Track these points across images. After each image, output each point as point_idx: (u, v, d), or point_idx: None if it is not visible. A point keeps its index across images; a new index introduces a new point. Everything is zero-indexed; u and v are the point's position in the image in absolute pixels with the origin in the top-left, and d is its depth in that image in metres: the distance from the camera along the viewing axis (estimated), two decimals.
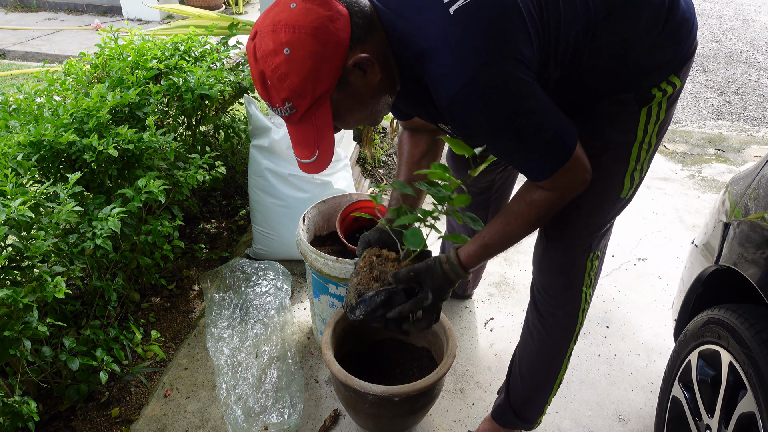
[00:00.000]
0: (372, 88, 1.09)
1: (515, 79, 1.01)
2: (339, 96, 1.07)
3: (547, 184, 1.14)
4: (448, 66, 1.01)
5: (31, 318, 1.43)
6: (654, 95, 1.17)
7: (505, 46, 1.01)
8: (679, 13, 1.15)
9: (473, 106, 1.02)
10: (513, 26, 1.01)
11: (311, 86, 1.02)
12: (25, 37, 5.69)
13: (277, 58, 1.00)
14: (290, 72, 1.01)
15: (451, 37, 1.00)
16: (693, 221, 2.85)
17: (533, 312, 1.48)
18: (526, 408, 1.60)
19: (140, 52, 2.28)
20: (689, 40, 1.18)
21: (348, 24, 1.03)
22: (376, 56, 1.06)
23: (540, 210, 1.17)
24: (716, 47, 5.69)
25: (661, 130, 1.24)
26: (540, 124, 1.05)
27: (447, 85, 1.02)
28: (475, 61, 0.99)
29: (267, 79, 1.03)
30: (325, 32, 1.00)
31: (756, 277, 1.18)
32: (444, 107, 1.05)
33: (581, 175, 1.14)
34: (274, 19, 1.01)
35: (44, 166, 1.79)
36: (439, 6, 1.02)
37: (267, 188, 2.30)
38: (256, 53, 1.03)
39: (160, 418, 1.78)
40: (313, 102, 1.04)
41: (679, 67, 1.18)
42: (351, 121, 1.15)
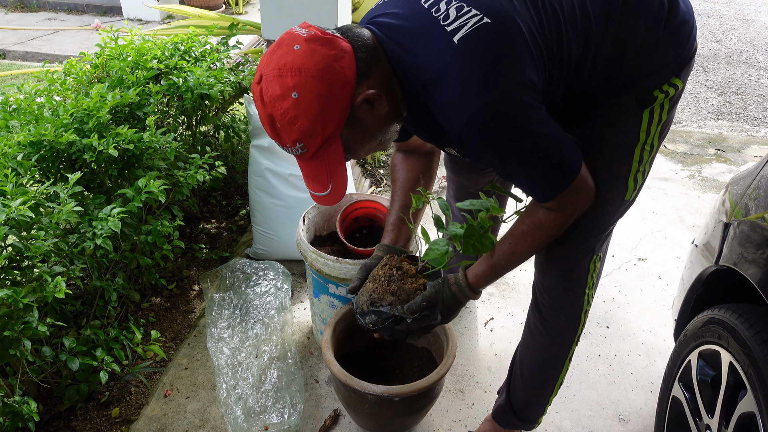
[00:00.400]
0: (380, 120, 1.10)
1: (523, 105, 1.02)
2: (349, 132, 1.08)
3: (553, 205, 1.15)
4: (455, 96, 1.01)
5: (31, 318, 1.43)
6: (656, 97, 1.17)
7: (512, 74, 1.01)
8: (679, 15, 1.15)
9: (482, 135, 1.03)
10: (519, 53, 1.02)
11: (321, 127, 1.03)
12: (25, 37, 5.69)
13: (285, 103, 1.01)
14: (299, 115, 1.01)
15: (458, 67, 1.01)
16: (693, 221, 2.85)
17: (535, 314, 1.48)
18: (527, 408, 1.60)
19: (140, 52, 2.28)
20: (689, 42, 1.18)
21: (353, 60, 1.03)
22: (382, 88, 1.07)
23: (548, 231, 1.19)
24: (716, 47, 5.69)
25: (663, 131, 1.24)
26: (547, 148, 1.07)
27: (456, 115, 1.02)
28: (484, 91, 1.00)
29: (276, 122, 1.04)
30: (330, 73, 1.00)
31: (756, 277, 1.18)
32: (453, 136, 1.06)
33: (586, 194, 1.16)
34: (279, 63, 1.01)
35: (44, 166, 1.79)
36: (442, 34, 1.02)
37: (267, 188, 2.30)
38: (263, 97, 1.03)
39: (160, 418, 1.78)
40: (323, 141, 1.05)
41: (681, 68, 1.18)
42: (362, 152, 1.16)
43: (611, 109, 1.19)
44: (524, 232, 1.21)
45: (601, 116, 1.20)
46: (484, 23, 1.01)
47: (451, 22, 1.02)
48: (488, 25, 1.01)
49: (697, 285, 1.53)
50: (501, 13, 1.03)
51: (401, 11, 1.09)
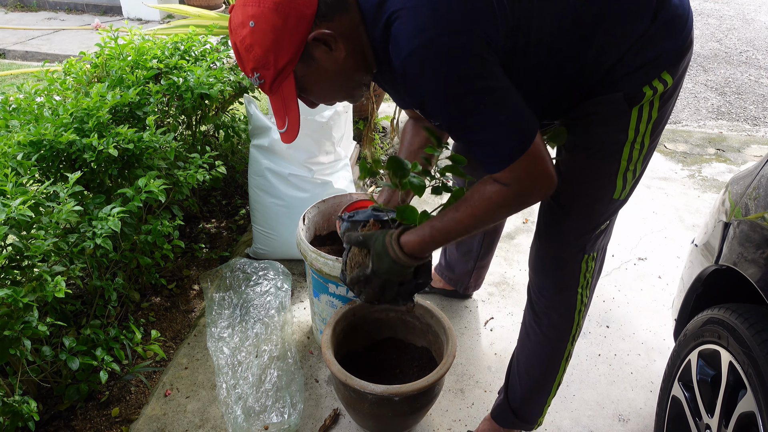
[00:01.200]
0: (338, 65, 1.12)
1: (474, 54, 1.01)
2: (304, 70, 1.12)
3: (502, 177, 1.08)
4: (406, 27, 1.02)
5: (31, 317, 1.43)
6: (644, 93, 1.14)
7: (467, 21, 1.01)
8: (671, 8, 1.11)
9: (426, 69, 1.02)
10: (482, 6, 1.02)
11: (273, 58, 1.08)
12: (25, 36, 5.69)
13: (244, 30, 1.07)
14: (254, 44, 1.07)
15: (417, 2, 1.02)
16: (693, 221, 2.85)
17: (529, 313, 1.49)
18: (525, 408, 1.60)
19: (140, 51, 2.28)
20: (682, 37, 1.13)
21: (314, 1, 1.06)
22: (342, 33, 1.09)
23: (491, 203, 1.12)
24: (716, 47, 5.69)
25: (655, 130, 1.21)
26: (495, 105, 1.03)
27: (403, 44, 1.03)
28: (434, 27, 1.00)
29: (238, 49, 1.10)
30: (287, 7, 1.05)
31: (756, 276, 1.18)
32: (398, 66, 1.05)
33: (540, 175, 1.08)
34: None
35: (44, 166, 1.79)
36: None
37: (267, 188, 2.30)
38: (231, 25, 1.11)
39: (160, 417, 1.78)
40: (276, 73, 1.10)
41: (672, 64, 1.14)
42: (321, 96, 1.20)
43: (599, 107, 1.17)
44: (467, 199, 1.15)
45: (589, 114, 1.19)
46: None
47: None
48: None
49: (697, 285, 1.53)
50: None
51: None
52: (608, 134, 1.19)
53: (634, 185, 1.28)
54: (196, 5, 6.11)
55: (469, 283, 2.20)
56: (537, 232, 1.38)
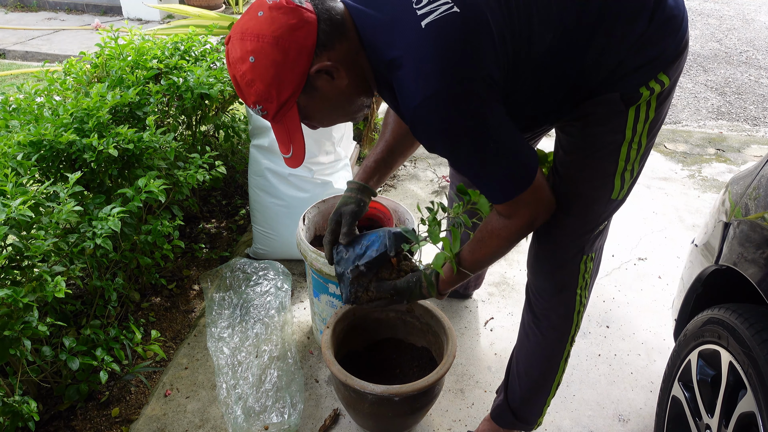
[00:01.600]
0: (340, 92, 1.13)
1: (478, 99, 1.03)
2: (307, 100, 1.12)
3: (504, 210, 1.17)
4: (414, 76, 1.03)
5: (31, 318, 1.43)
6: (641, 94, 1.14)
7: (472, 66, 1.03)
8: (667, 9, 1.11)
9: (432, 120, 1.05)
10: (482, 46, 1.03)
11: (276, 92, 1.08)
12: (25, 36, 5.69)
13: (244, 66, 1.07)
14: (255, 79, 1.07)
15: (421, 49, 1.03)
16: (693, 221, 2.85)
17: (528, 313, 1.49)
18: (524, 409, 1.60)
19: (140, 51, 2.29)
20: (677, 37, 1.14)
21: (313, 31, 1.06)
22: (343, 62, 1.10)
23: (502, 239, 1.21)
24: (716, 47, 5.69)
25: (652, 130, 1.21)
26: (497, 147, 1.08)
27: (411, 94, 1.04)
28: (441, 77, 1.01)
29: (238, 83, 1.10)
30: (287, 41, 1.04)
31: (756, 276, 1.18)
32: (407, 116, 1.08)
33: (541, 206, 1.17)
34: (243, 27, 1.07)
35: (44, 166, 1.79)
36: (412, 17, 1.04)
37: (267, 188, 2.30)
38: (228, 58, 1.10)
39: (160, 417, 1.78)
40: (279, 106, 1.10)
41: (668, 64, 1.14)
42: (326, 121, 1.20)
43: (596, 108, 1.17)
44: (480, 239, 1.24)
45: (586, 115, 1.19)
46: (453, 12, 1.02)
47: (422, 7, 1.04)
48: (457, 15, 1.02)
49: (697, 285, 1.53)
50: (471, 5, 1.04)
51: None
52: (605, 134, 1.20)
53: (631, 185, 1.28)
54: (196, 5, 6.11)
55: (469, 283, 2.20)
56: (535, 233, 1.38)
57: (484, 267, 1.30)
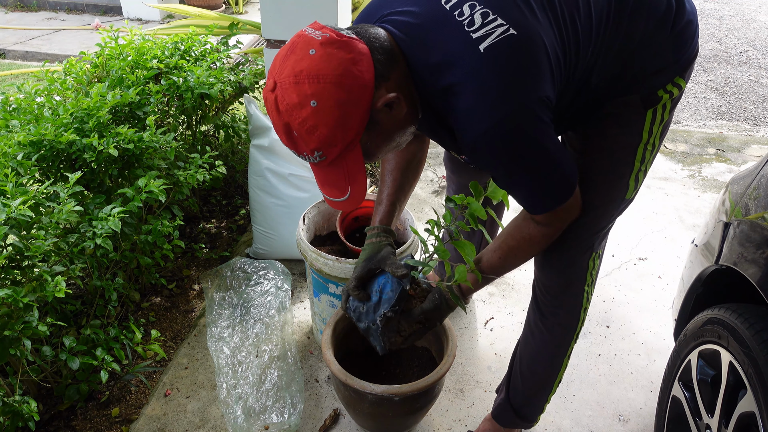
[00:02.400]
0: (399, 123, 1.08)
1: (538, 121, 1.03)
2: (368, 136, 1.05)
3: (543, 219, 1.17)
4: (475, 105, 1.00)
5: (31, 317, 1.43)
6: (660, 97, 1.17)
7: (533, 89, 1.01)
8: (685, 15, 1.16)
9: (497, 147, 1.03)
10: (540, 68, 1.02)
11: (341, 135, 0.99)
12: (25, 36, 5.68)
13: (303, 111, 0.97)
14: (319, 124, 0.97)
15: (481, 76, 0.99)
16: (693, 221, 2.85)
17: (535, 311, 1.49)
18: (527, 407, 1.61)
19: (140, 51, 2.28)
20: (693, 42, 1.19)
21: (371, 63, 0.99)
22: (400, 90, 1.04)
23: (538, 245, 1.23)
24: (716, 47, 5.69)
25: (664, 131, 1.25)
26: (551, 164, 1.08)
27: (473, 124, 1.01)
28: (505, 104, 0.99)
29: (293, 131, 0.99)
30: (349, 78, 0.97)
31: (756, 276, 1.18)
32: (467, 144, 1.05)
33: (575, 210, 1.20)
34: (295, 69, 0.97)
35: (44, 166, 1.79)
36: (467, 40, 1.00)
37: (267, 188, 2.30)
38: (278, 106, 0.99)
39: (160, 417, 1.78)
40: (343, 149, 1.02)
41: (684, 68, 1.18)
42: (379, 156, 1.13)
43: (616, 109, 1.19)
44: (514, 247, 1.25)
45: (606, 116, 1.21)
46: (510, 34, 0.99)
47: (476, 29, 1.00)
48: (514, 37, 0.99)
49: (697, 284, 1.53)
50: (526, 26, 1.01)
51: (419, 10, 1.05)
52: (624, 136, 1.22)
53: (641, 184, 1.31)
54: (196, 5, 6.11)
55: None
56: None
57: (510, 271, 1.31)
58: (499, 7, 1.02)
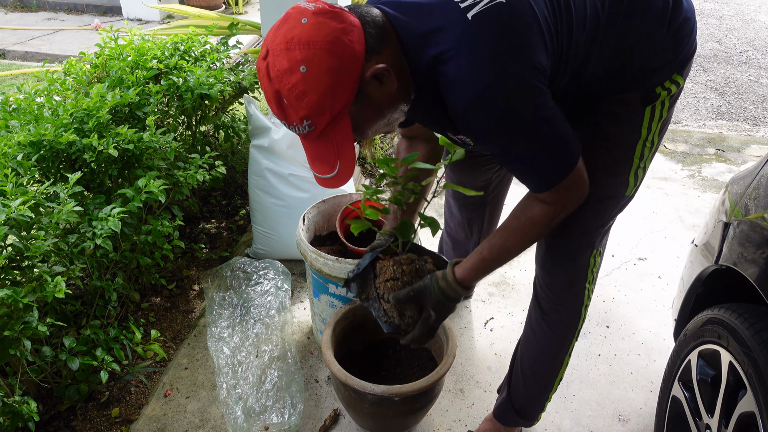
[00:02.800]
0: (389, 98, 1.07)
1: (531, 87, 1.02)
2: (357, 109, 1.05)
3: (548, 197, 1.14)
4: (464, 70, 1.00)
5: (31, 318, 1.43)
6: (659, 94, 1.18)
7: (523, 54, 1.00)
8: (682, 12, 1.16)
9: (489, 113, 1.02)
10: (531, 34, 1.01)
11: (330, 102, 1.00)
12: (24, 36, 5.68)
13: (293, 77, 0.98)
14: (308, 90, 0.98)
15: (469, 41, 0.99)
16: (693, 221, 2.85)
17: (536, 310, 1.49)
18: (528, 406, 1.61)
19: (140, 51, 2.28)
20: (691, 39, 1.19)
21: (362, 35, 1.01)
22: (391, 65, 1.05)
23: (540, 226, 1.18)
24: (716, 47, 5.69)
25: (663, 128, 1.25)
26: (549, 133, 1.06)
27: (463, 89, 1.01)
28: (493, 69, 0.99)
29: (283, 98, 1.00)
30: (340, 46, 0.98)
31: (756, 276, 1.18)
32: (458, 112, 1.04)
33: (581, 189, 1.16)
34: (287, 36, 0.98)
35: (44, 166, 1.79)
36: (455, 10, 1.01)
37: (267, 188, 2.30)
38: (269, 72, 1.00)
39: (160, 417, 1.78)
40: (332, 118, 1.02)
41: (683, 65, 1.19)
42: (369, 132, 1.13)
43: (615, 107, 1.20)
44: (517, 227, 1.20)
45: (605, 113, 1.21)
46: (498, 2, 1.00)
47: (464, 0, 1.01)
48: (502, 5, 1.00)
49: (696, 284, 1.53)
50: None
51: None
52: (623, 133, 1.23)
53: (641, 181, 1.31)
54: (196, 5, 6.11)
55: None
56: None
57: (512, 257, 1.25)
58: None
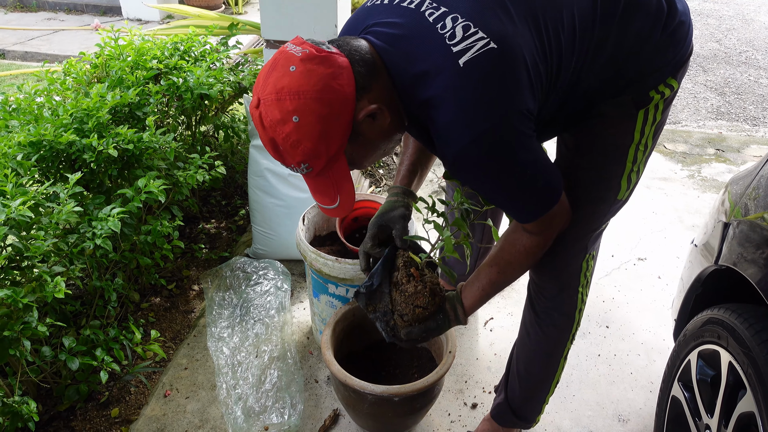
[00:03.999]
0: (383, 132, 1.09)
1: (520, 134, 1.03)
2: (352, 147, 1.07)
3: (533, 228, 1.18)
4: (454, 119, 1.01)
5: (30, 318, 1.43)
6: (652, 98, 1.17)
7: (512, 103, 1.01)
8: (677, 16, 1.15)
9: (477, 162, 1.04)
10: (520, 81, 1.02)
11: (325, 147, 1.02)
12: (24, 37, 5.68)
13: (286, 127, 0.99)
14: (302, 138, 1.00)
15: (460, 90, 1.00)
16: (692, 221, 2.85)
17: (530, 312, 1.49)
18: (524, 407, 1.61)
19: (140, 52, 2.28)
20: (686, 43, 1.18)
21: (351, 76, 1.01)
22: (382, 100, 1.06)
23: (533, 256, 1.23)
24: (716, 47, 5.69)
25: (657, 132, 1.24)
26: (534, 174, 1.09)
27: (452, 139, 1.02)
28: (484, 119, 1.00)
29: (279, 145, 1.02)
30: (329, 93, 0.99)
31: (755, 276, 1.18)
32: (447, 159, 1.06)
33: (565, 216, 1.20)
34: (276, 86, 0.99)
35: (44, 166, 1.79)
36: (447, 54, 1.00)
37: (267, 188, 2.30)
38: (263, 122, 1.02)
39: (159, 418, 1.78)
40: (328, 160, 1.05)
41: (677, 69, 1.18)
42: (366, 164, 1.16)
43: (607, 110, 1.19)
44: (510, 261, 1.25)
45: (596, 116, 1.20)
46: (490, 48, 0.99)
47: (457, 43, 1.00)
48: (494, 51, 0.99)
49: (696, 285, 1.53)
50: (507, 39, 1.01)
51: (402, 21, 1.06)
52: (616, 136, 1.22)
53: (635, 185, 1.30)
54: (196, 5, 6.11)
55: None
56: None
57: (510, 283, 1.31)
58: (481, 20, 1.02)
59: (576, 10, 1.08)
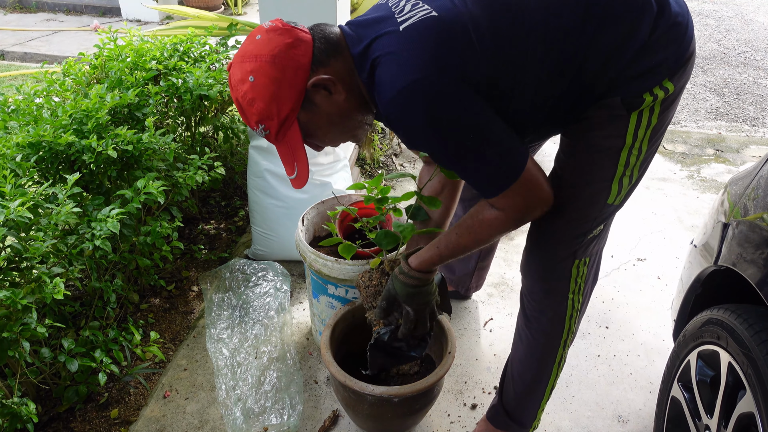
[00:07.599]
0: (339, 107, 1.17)
1: (454, 93, 1.06)
2: (307, 116, 1.16)
3: (497, 203, 1.16)
4: (388, 72, 1.08)
5: (29, 319, 1.43)
6: (644, 100, 1.13)
7: (448, 63, 1.06)
8: (672, 16, 1.12)
9: (405, 113, 1.08)
10: (459, 46, 1.07)
11: (276, 109, 1.12)
12: (24, 37, 5.68)
13: (244, 86, 1.12)
14: (256, 97, 1.12)
15: (398, 48, 1.07)
16: (692, 222, 2.86)
17: (521, 316, 1.49)
18: (518, 411, 1.59)
19: (139, 52, 2.28)
20: (683, 44, 1.14)
21: (309, 49, 1.12)
22: (339, 77, 1.14)
23: (490, 229, 1.20)
24: (715, 48, 5.69)
25: (654, 136, 1.20)
26: (479, 140, 1.09)
27: (385, 90, 1.08)
28: (413, 72, 1.05)
29: (240, 104, 1.14)
30: (283, 58, 1.10)
31: (755, 277, 1.18)
32: (383, 111, 1.11)
33: (534, 197, 1.16)
34: (243, 51, 1.13)
35: (43, 167, 1.79)
36: (392, 23, 1.10)
37: (266, 189, 2.30)
38: (231, 82, 1.15)
39: (159, 419, 1.78)
40: (280, 123, 1.14)
41: (674, 71, 1.14)
42: (326, 139, 1.23)
43: (595, 112, 1.17)
44: (470, 226, 1.24)
45: (585, 118, 1.18)
46: (431, 15, 1.08)
47: (402, 14, 1.11)
48: (434, 17, 1.08)
49: (696, 285, 1.53)
50: (451, 11, 1.08)
51: (373, 14, 1.18)
52: (605, 138, 1.19)
53: (630, 190, 1.27)
54: (195, 6, 6.12)
55: (470, 284, 2.20)
56: (528, 233, 1.37)
57: (467, 252, 1.29)
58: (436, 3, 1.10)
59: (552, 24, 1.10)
